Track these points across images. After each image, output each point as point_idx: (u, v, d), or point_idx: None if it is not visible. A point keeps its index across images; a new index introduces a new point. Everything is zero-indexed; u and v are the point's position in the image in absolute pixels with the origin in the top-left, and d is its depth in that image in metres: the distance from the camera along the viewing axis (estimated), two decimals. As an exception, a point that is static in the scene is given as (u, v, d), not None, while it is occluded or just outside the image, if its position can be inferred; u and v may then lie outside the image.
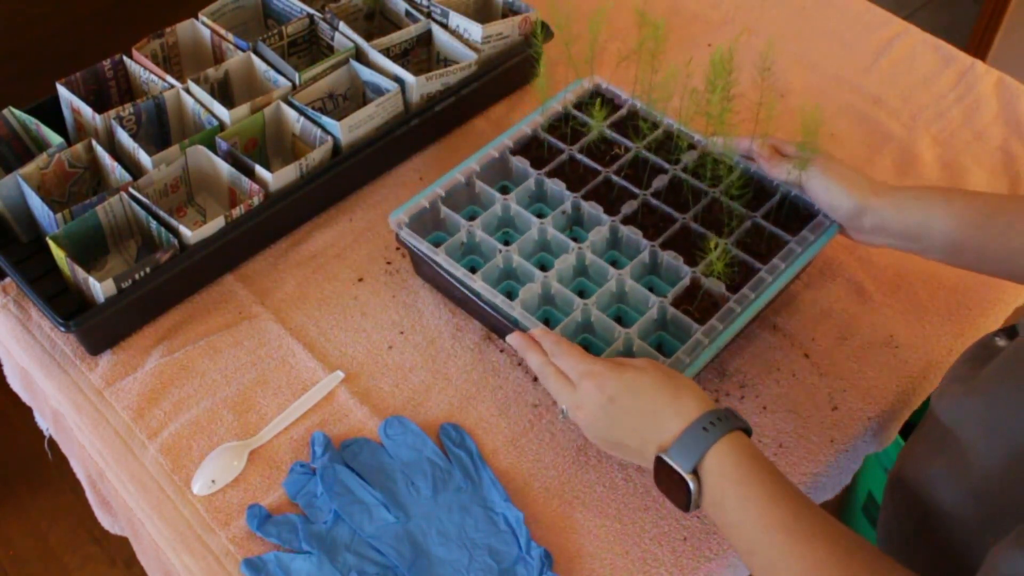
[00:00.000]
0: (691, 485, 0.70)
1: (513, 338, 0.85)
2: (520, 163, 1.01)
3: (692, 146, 1.01)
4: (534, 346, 0.83)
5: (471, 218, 0.97)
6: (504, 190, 1.02)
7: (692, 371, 0.85)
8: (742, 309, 0.89)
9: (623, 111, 1.05)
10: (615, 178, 0.99)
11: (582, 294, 0.94)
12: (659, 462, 0.72)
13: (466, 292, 0.91)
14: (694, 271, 0.91)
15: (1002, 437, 0.66)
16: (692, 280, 0.91)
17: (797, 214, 0.97)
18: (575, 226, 0.99)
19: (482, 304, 0.90)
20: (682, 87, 0.92)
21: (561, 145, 1.02)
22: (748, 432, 0.73)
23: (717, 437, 0.71)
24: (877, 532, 0.86)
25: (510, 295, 0.90)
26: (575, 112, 1.05)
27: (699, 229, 0.95)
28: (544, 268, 0.95)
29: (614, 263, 0.95)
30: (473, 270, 0.92)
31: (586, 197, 0.98)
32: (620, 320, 0.93)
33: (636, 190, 0.98)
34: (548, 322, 0.92)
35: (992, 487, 0.68)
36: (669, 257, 0.92)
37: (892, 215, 0.87)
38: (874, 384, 0.93)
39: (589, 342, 0.92)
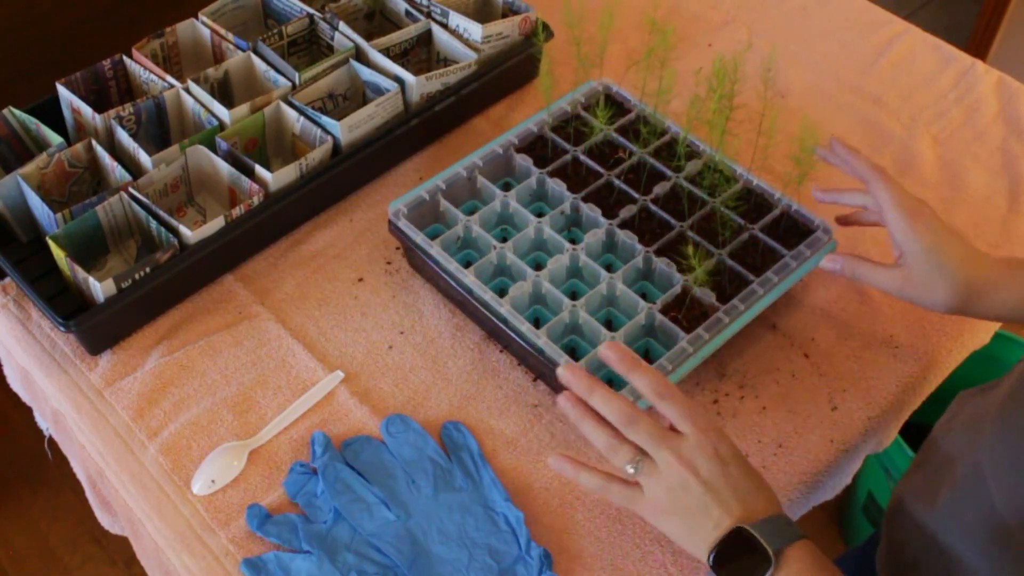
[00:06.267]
0: (772, 563, 0.66)
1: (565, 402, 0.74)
2: (523, 161, 1.01)
3: (696, 154, 1.01)
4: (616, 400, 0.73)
5: (471, 213, 0.97)
6: (506, 187, 1.02)
7: (675, 378, 0.85)
8: (730, 320, 0.88)
9: (631, 115, 1.05)
10: (616, 181, 0.99)
11: (574, 295, 0.94)
12: (738, 533, 0.68)
13: (455, 286, 0.91)
14: (686, 279, 0.91)
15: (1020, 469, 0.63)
16: (683, 288, 0.91)
17: (796, 229, 0.97)
18: (573, 227, 0.99)
19: (472, 300, 0.90)
20: (689, 94, 0.92)
21: (566, 145, 1.02)
22: None
23: (802, 534, 0.68)
24: (876, 564, 0.84)
25: (502, 292, 0.90)
26: (583, 114, 1.05)
27: (695, 238, 0.94)
28: (539, 267, 0.95)
29: (609, 267, 0.95)
30: (469, 264, 0.92)
31: (586, 199, 0.98)
32: (609, 324, 0.93)
33: (636, 195, 0.98)
34: (537, 321, 0.92)
35: (1005, 521, 0.64)
36: (662, 264, 0.92)
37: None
38: (874, 384, 0.93)
39: (576, 344, 0.92)
